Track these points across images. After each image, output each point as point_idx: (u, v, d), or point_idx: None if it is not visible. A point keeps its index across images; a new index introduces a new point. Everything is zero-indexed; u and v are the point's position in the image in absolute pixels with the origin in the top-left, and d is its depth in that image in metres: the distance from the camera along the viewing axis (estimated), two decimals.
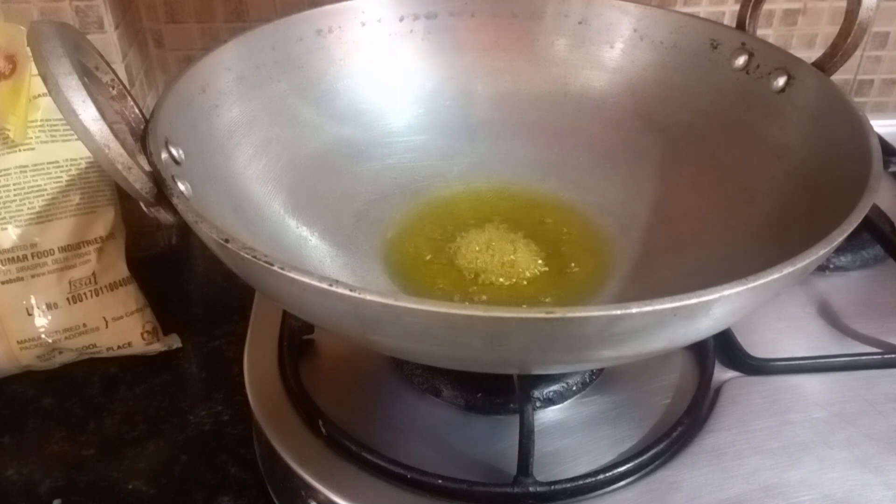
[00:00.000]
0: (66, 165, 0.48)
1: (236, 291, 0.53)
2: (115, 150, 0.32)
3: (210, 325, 0.53)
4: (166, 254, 0.60)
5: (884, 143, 0.60)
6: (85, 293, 0.48)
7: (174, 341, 0.51)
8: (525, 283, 0.45)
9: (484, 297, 0.44)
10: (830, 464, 0.38)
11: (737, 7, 0.51)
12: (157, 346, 0.51)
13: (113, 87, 0.38)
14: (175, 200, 0.33)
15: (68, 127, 0.35)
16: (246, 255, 0.29)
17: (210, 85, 0.43)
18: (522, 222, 0.49)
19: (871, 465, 0.38)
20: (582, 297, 0.44)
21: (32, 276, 0.47)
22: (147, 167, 0.34)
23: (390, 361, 0.44)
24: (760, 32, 0.50)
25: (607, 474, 0.37)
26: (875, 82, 0.72)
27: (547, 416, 0.41)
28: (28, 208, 0.47)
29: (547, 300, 0.44)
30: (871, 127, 0.38)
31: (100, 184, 0.50)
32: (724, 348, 0.44)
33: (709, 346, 0.44)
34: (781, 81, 0.45)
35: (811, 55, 0.45)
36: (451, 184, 0.51)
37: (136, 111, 0.38)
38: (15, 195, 0.47)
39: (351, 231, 0.47)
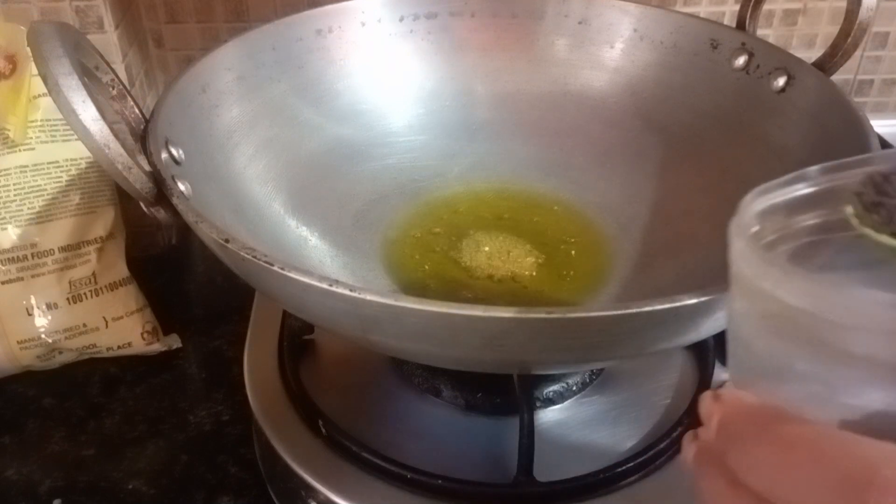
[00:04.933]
0: (66, 165, 0.48)
1: (236, 291, 0.53)
2: (115, 150, 0.32)
3: (210, 325, 0.53)
4: (166, 254, 0.60)
5: (884, 143, 0.60)
6: (85, 293, 0.48)
7: (174, 341, 0.51)
8: (525, 282, 0.45)
9: (484, 297, 0.44)
10: None
11: (737, 7, 0.51)
12: (157, 346, 0.51)
13: (113, 87, 0.38)
14: (175, 200, 0.33)
15: (68, 127, 0.35)
16: (246, 255, 0.29)
17: (210, 85, 0.43)
18: (522, 222, 0.49)
19: None
20: (582, 297, 0.44)
21: (32, 276, 0.47)
22: (147, 167, 0.34)
23: (390, 361, 0.44)
24: (760, 32, 0.50)
25: (607, 474, 0.37)
26: (875, 82, 0.72)
27: (547, 416, 0.41)
28: (28, 208, 0.47)
29: (546, 299, 0.44)
30: (871, 127, 0.38)
31: (100, 184, 0.50)
32: (724, 348, 0.44)
33: (709, 346, 0.44)
34: (781, 81, 0.45)
35: (811, 55, 0.45)
36: (451, 184, 0.51)
37: (136, 111, 0.38)
38: (15, 195, 0.47)
39: (351, 231, 0.47)
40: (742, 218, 0.22)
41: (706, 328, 0.32)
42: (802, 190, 0.23)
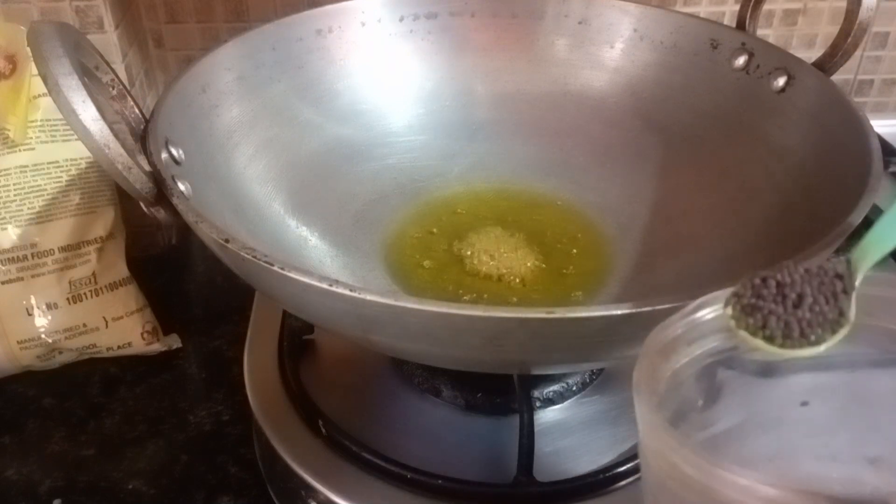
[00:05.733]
0: (66, 165, 0.48)
1: (236, 291, 0.53)
2: (115, 150, 0.32)
3: (210, 325, 0.53)
4: (166, 254, 0.60)
5: (884, 143, 0.60)
6: (85, 293, 0.48)
7: (174, 341, 0.51)
8: (525, 282, 0.45)
9: (484, 297, 0.44)
10: None
11: (737, 7, 0.51)
12: (157, 346, 0.51)
13: (113, 87, 0.38)
14: (175, 200, 0.33)
15: (68, 127, 0.35)
16: (246, 255, 0.29)
17: (210, 85, 0.43)
18: (522, 222, 0.49)
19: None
20: (582, 296, 0.44)
21: (32, 276, 0.47)
22: (147, 167, 0.34)
23: (390, 361, 0.44)
24: (760, 32, 0.50)
25: (607, 474, 0.37)
26: (875, 82, 0.72)
27: (547, 416, 0.41)
28: (28, 208, 0.47)
29: (546, 300, 0.44)
30: (871, 127, 0.38)
31: (100, 184, 0.50)
32: None
33: None
34: (781, 81, 0.45)
35: (811, 55, 0.45)
36: (451, 184, 0.51)
37: (136, 111, 0.38)
38: (15, 195, 0.47)
39: (351, 231, 0.47)
40: (645, 360, 0.24)
41: None
42: (703, 318, 0.25)
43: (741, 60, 0.47)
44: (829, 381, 0.27)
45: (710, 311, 0.25)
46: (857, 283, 0.25)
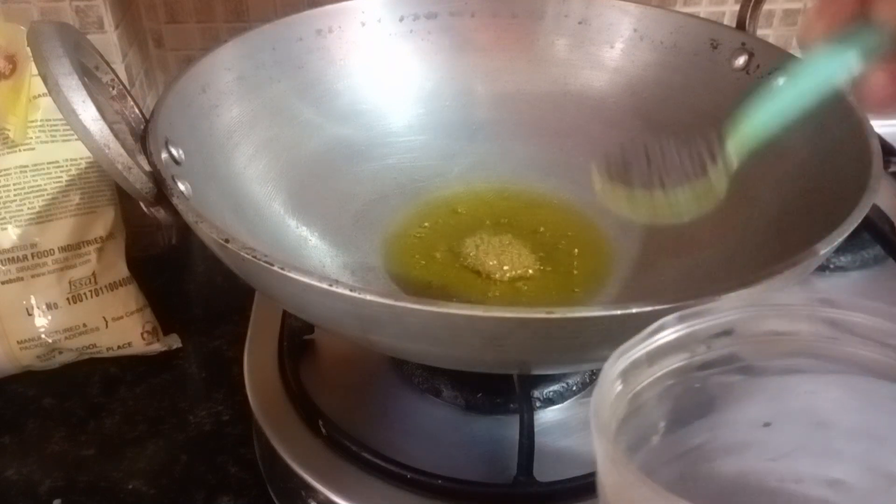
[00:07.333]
0: (66, 165, 0.48)
1: (236, 291, 0.53)
2: (115, 150, 0.32)
3: (210, 325, 0.53)
4: (166, 254, 0.60)
5: (884, 144, 0.60)
6: (85, 293, 0.48)
7: (174, 341, 0.51)
8: (525, 283, 0.45)
9: (484, 297, 0.44)
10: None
11: (737, 7, 0.51)
12: (157, 346, 0.51)
13: (113, 87, 0.38)
14: (175, 200, 0.33)
15: (68, 127, 0.35)
16: (246, 255, 0.29)
17: (210, 85, 0.43)
18: (522, 222, 0.49)
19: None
20: (582, 297, 0.44)
21: (32, 276, 0.47)
22: (147, 167, 0.34)
23: (390, 361, 0.44)
24: (760, 32, 0.50)
25: None
26: None
27: (547, 416, 0.41)
28: (28, 208, 0.47)
29: (547, 300, 0.44)
30: (871, 127, 0.38)
31: (100, 184, 0.50)
32: None
33: None
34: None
35: None
36: (451, 184, 0.51)
37: (136, 111, 0.38)
38: (15, 195, 0.47)
39: (351, 231, 0.47)
40: (604, 385, 0.23)
41: None
42: (664, 338, 0.25)
43: (741, 60, 0.47)
44: (791, 404, 0.27)
45: (672, 331, 0.25)
46: (727, 150, 0.26)
